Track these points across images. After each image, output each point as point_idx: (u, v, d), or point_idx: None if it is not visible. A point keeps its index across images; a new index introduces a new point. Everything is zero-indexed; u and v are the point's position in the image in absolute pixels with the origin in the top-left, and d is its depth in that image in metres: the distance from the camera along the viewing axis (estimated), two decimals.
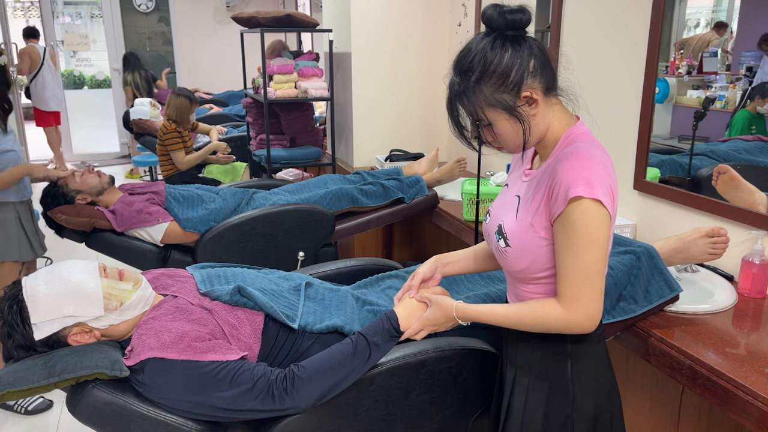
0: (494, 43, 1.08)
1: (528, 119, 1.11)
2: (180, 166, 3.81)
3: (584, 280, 1.10)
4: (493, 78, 1.08)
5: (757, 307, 1.62)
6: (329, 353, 1.38)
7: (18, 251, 2.57)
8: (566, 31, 2.45)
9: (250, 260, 2.50)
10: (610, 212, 1.08)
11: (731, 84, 1.80)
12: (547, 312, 1.15)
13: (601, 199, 1.06)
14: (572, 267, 1.10)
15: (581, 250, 1.08)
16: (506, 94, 1.09)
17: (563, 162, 1.09)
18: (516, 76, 1.08)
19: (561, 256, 1.11)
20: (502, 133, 1.14)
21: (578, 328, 1.13)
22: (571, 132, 1.15)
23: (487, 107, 1.11)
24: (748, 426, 1.24)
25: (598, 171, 1.07)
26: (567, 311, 1.12)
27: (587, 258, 1.08)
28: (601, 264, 1.10)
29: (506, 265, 1.23)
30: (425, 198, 2.76)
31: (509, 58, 1.08)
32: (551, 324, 1.15)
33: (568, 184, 1.07)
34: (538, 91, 1.11)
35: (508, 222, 1.20)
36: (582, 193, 1.05)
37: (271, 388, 1.32)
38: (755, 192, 1.73)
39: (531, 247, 1.16)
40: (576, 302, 1.11)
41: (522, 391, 1.25)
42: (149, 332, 1.38)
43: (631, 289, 1.56)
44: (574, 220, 1.07)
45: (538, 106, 1.12)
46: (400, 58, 3.48)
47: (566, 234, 1.09)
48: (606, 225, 1.08)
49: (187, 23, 7.62)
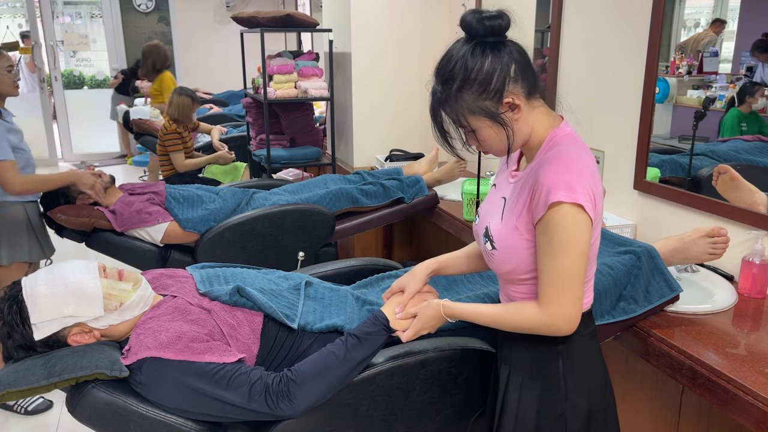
0: (474, 50, 1.08)
1: (511, 124, 1.12)
2: (178, 168, 3.81)
3: (562, 284, 1.10)
4: (475, 85, 1.08)
5: (757, 307, 1.62)
6: (321, 355, 1.37)
7: (28, 252, 2.56)
8: (566, 31, 2.45)
9: (250, 260, 2.50)
10: (591, 217, 1.09)
11: (731, 84, 1.80)
12: (528, 313, 1.16)
13: (582, 204, 1.07)
14: (551, 271, 1.10)
15: (561, 254, 1.09)
16: (488, 101, 1.09)
17: (545, 166, 1.10)
18: (497, 82, 1.08)
19: (541, 259, 1.12)
20: (485, 139, 1.14)
21: (557, 330, 1.14)
22: (555, 134, 1.15)
23: (470, 115, 1.11)
24: (748, 426, 1.24)
25: (580, 174, 1.08)
26: (546, 314, 1.13)
27: (566, 262, 1.09)
28: (579, 268, 1.10)
29: (494, 267, 1.24)
30: (425, 198, 2.76)
31: (489, 64, 1.08)
32: (531, 325, 1.16)
33: (549, 188, 1.07)
34: (520, 96, 1.11)
35: (494, 224, 1.21)
36: (562, 198, 1.06)
37: (267, 392, 1.32)
38: (755, 192, 1.73)
39: (516, 250, 1.16)
40: (555, 305, 1.12)
41: (515, 390, 1.26)
42: (147, 332, 1.38)
43: (631, 289, 1.57)
44: (555, 225, 1.08)
45: (520, 110, 1.12)
46: (400, 58, 3.48)
47: (546, 238, 1.10)
48: (586, 230, 1.09)
49: (187, 23, 7.62)
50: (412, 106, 3.58)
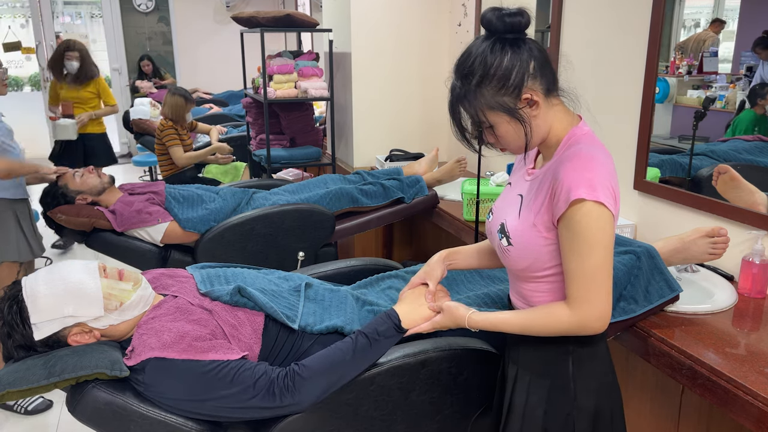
0: (494, 46, 1.09)
1: (529, 121, 1.12)
2: (178, 162, 3.82)
3: (591, 282, 1.10)
4: (494, 81, 1.09)
5: (757, 307, 1.62)
6: (330, 351, 1.38)
7: (17, 251, 2.56)
8: (566, 31, 2.45)
9: (250, 260, 2.50)
10: (613, 212, 1.09)
11: (731, 84, 1.80)
12: (558, 315, 1.15)
13: (603, 201, 1.07)
14: (579, 269, 1.10)
15: (586, 252, 1.09)
16: (507, 96, 1.10)
17: (565, 163, 1.10)
18: (516, 78, 1.09)
19: (567, 258, 1.12)
20: (503, 135, 1.15)
21: (589, 329, 1.14)
22: (574, 133, 1.16)
23: (488, 110, 1.11)
24: (748, 426, 1.24)
25: (600, 173, 1.08)
26: (576, 313, 1.12)
27: (593, 260, 1.09)
28: (606, 264, 1.10)
29: (508, 264, 1.24)
30: (425, 198, 2.76)
31: (509, 60, 1.08)
32: (563, 327, 1.15)
33: (569, 186, 1.07)
34: (538, 93, 1.11)
35: (510, 221, 1.20)
36: (584, 196, 1.06)
37: (272, 386, 1.33)
38: (755, 192, 1.73)
39: (533, 246, 1.16)
40: (585, 303, 1.11)
41: (523, 390, 1.26)
42: (150, 332, 1.38)
43: (631, 289, 1.57)
44: (578, 222, 1.08)
45: (539, 107, 1.12)
46: (400, 58, 3.48)
47: (570, 236, 1.10)
48: (609, 226, 1.09)
49: (187, 23, 7.63)
50: (412, 106, 3.58)
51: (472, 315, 1.29)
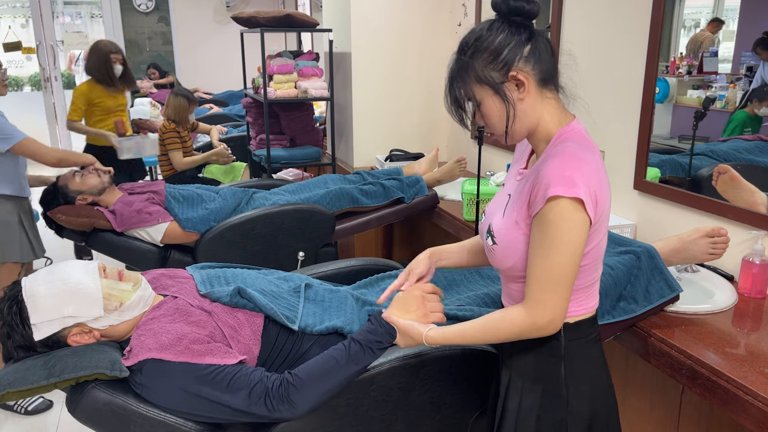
0: (493, 24, 1.11)
1: (513, 102, 1.11)
2: (177, 167, 3.81)
3: (548, 282, 1.08)
4: (485, 53, 1.10)
5: (757, 307, 1.62)
6: (323, 360, 1.35)
7: (20, 252, 2.56)
8: (566, 31, 2.45)
9: (250, 260, 2.50)
10: (590, 215, 1.06)
11: (731, 84, 1.80)
12: (511, 318, 1.13)
13: (582, 198, 1.04)
14: (540, 268, 1.08)
15: (551, 251, 1.07)
16: (495, 71, 1.10)
17: (548, 160, 1.09)
18: (508, 55, 1.09)
19: (531, 255, 1.10)
20: (487, 113, 1.14)
21: (539, 330, 1.12)
22: (564, 130, 1.14)
23: (476, 83, 1.12)
24: (748, 426, 1.24)
25: (583, 171, 1.06)
26: (530, 314, 1.11)
27: (556, 260, 1.07)
28: (568, 267, 1.08)
29: (494, 263, 1.22)
30: (425, 198, 2.76)
31: (504, 38, 1.10)
32: (516, 330, 1.13)
33: (548, 182, 1.05)
34: (529, 78, 1.10)
35: (496, 220, 1.20)
36: (561, 193, 1.04)
37: (267, 395, 1.31)
38: (755, 192, 1.73)
39: (516, 245, 1.15)
40: (540, 304, 1.10)
41: (516, 395, 1.24)
42: (148, 333, 1.38)
43: (631, 289, 1.56)
44: (549, 220, 1.06)
45: (526, 91, 1.11)
46: (400, 58, 3.48)
47: (540, 233, 1.08)
48: (581, 228, 1.06)
49: (187, 23, 7.63)
50: (412, 106, 3.58)
51: (429, 332, 1.25)
